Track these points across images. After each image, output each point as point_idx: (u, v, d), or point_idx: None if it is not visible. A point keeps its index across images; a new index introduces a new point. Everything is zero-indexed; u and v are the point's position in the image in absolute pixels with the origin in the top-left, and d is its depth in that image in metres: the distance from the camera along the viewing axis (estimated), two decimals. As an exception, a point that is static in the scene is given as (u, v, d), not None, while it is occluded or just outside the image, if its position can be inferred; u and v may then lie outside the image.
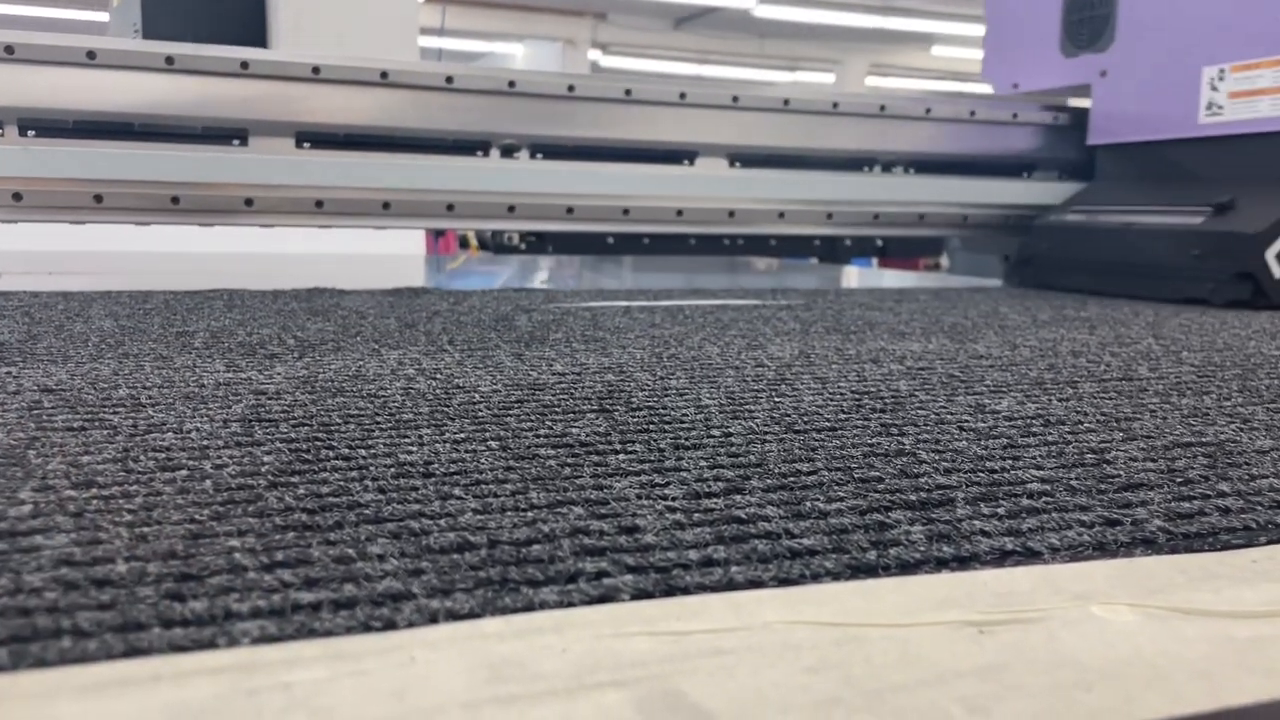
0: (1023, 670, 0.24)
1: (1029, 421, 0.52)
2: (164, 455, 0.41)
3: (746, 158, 1.42)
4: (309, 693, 0.22)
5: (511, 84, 1.30)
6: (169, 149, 1.17)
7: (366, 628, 0.26)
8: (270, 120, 1.21)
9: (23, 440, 0.43)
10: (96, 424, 0.47)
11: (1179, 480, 0.41)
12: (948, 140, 1.53)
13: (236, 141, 1.21)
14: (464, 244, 2.27)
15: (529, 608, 0.27)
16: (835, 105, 1.45)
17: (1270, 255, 1.18)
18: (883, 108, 1.47)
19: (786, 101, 1.43)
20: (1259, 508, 0.38)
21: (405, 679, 0.23)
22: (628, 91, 1.36)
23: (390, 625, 0.26)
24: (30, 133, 1.14)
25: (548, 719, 0.21)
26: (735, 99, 1.40)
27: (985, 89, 1.70)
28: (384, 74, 1.25)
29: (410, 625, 0.26)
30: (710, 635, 0.26)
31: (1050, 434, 0.49)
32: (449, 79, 1.28)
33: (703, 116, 1.39)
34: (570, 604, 0.27)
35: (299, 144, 1.23)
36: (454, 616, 0.26)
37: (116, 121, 1.17)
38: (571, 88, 1.33)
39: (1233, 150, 1.32)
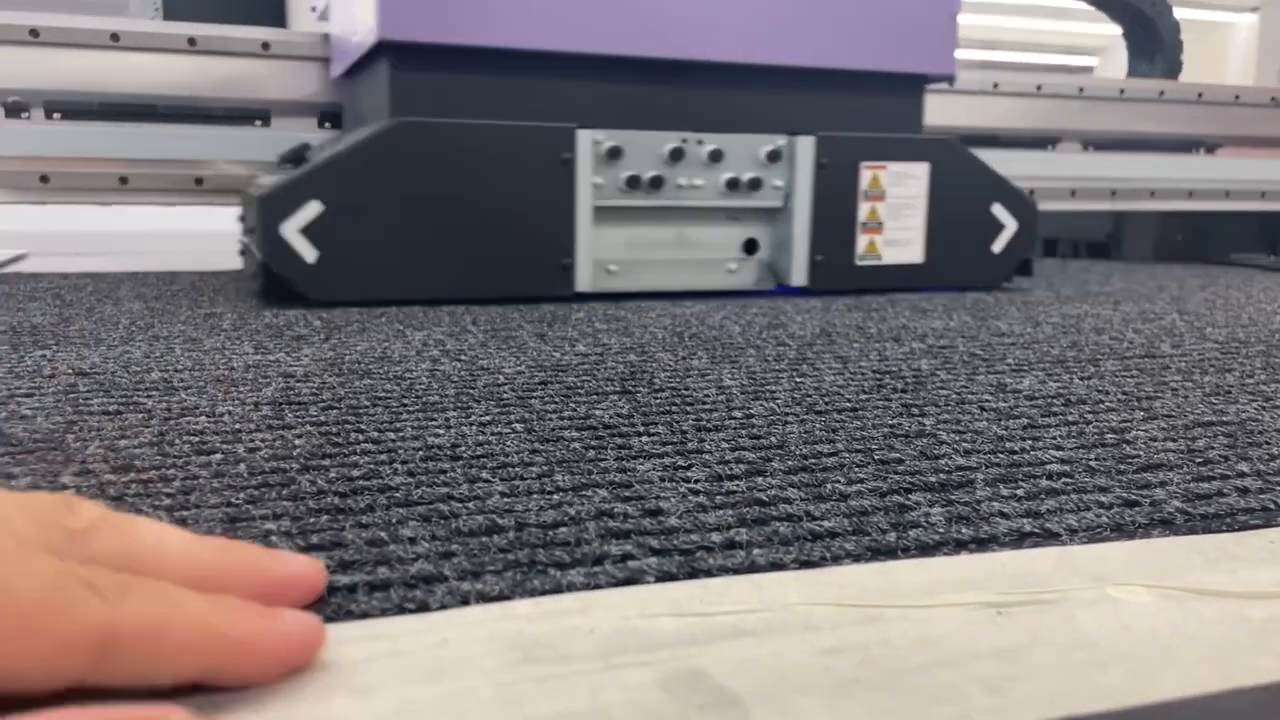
0: (1040, 651, 0.25)
1: (1050, 401, 0.52)
2: (198, 439, 0.43)
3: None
4: (348, 673, 0.23)
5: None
6: (192, 130, 1.18)
7: (401, 609, 0.26)
8: (292, 100, 1.22)
9: (61, 424, 0.45)
10: (131, 407, 0.48)
11: (1198, 460, 0.41)
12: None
13: (259, 122, 1.22)
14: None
15: (557, 590, 0.28)
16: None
17: (289, 229, 0.81)
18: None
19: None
20: (1278, 488, 0.38)
21: (440, 660, 0.24)
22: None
23: (424, 607, 0.27)
24: (56, 115, 1.16)
25: (577, 698, 0.22)
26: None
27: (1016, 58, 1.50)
28: (404, 53, 1.25)
29: (443, 607, 0.27)
30: (733, 616, 0.26)
31: (1071, 413, 0.49)
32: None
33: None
34: (597, 586, 0.28)
35: (320, 124, 1.24)
36: (484, 598, 0.27)
37: (140, 103, 1.18)
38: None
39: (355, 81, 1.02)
